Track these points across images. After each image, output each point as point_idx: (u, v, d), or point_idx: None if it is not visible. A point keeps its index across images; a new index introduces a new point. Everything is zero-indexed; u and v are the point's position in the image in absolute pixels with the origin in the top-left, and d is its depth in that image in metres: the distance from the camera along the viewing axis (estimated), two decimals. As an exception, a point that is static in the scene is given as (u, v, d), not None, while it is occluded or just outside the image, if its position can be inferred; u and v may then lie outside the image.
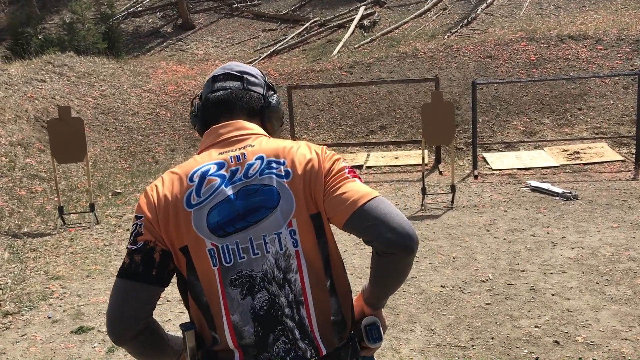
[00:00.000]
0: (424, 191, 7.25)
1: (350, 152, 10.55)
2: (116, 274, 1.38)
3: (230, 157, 1.41)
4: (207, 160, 1.42)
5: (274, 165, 1.39)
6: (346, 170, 1.41)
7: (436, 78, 9.85)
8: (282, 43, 16.68)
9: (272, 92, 1.59)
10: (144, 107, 12.63)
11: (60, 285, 5.25)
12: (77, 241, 6.60)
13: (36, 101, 11.13)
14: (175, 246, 1.36)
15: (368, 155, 10.29)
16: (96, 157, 10.25)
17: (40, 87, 11.81)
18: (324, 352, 1.37)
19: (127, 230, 6.96)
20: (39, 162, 9.20)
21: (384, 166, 9.75)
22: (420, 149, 9.48)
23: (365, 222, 1.31)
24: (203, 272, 1.35)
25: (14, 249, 6.28)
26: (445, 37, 14.51)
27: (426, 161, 8.28)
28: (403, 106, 11.35)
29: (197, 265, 1.35)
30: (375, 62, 12.92)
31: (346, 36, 16.12)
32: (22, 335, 4.24)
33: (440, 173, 9.15)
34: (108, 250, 6.24)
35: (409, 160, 9.87)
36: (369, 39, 15.58)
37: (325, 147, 1.49)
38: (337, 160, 1.44)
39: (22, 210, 7.63)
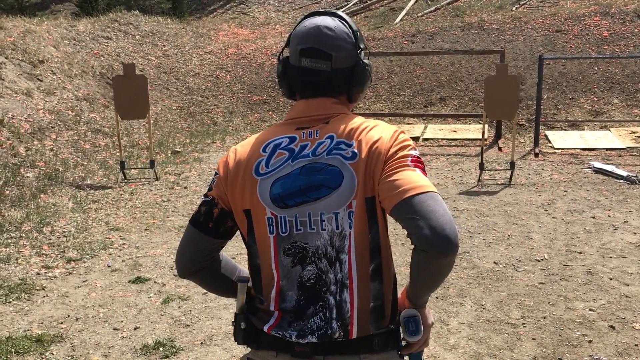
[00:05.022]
0: (481, 166, 7.10)
1: (407, 124, 10.41)
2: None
3: (304, 133, 1.45)
4: (282, 133, 1.46)
5: (342, 146, 1.40)
6: (409, 158, 1.37)
7: (501, 50, 9.55)
8: (344, 9, 16.47)
9: (363, 56, 1.50)
10: (204, 68, 12.78)
11: (119, 236, 5.45)
12: (136, 195, 6.81)
13: (102, 58, 11.43)
14: (238, 207, 1.45)
15: (425, 127, 10.14)
16: (157, 116, 10.48)
17: (106, 44, 12.10)
18: (354, 336, 1.38)
19: (185, 187, 7.14)
20: (103, 117, 9.49)
21: (442, 139, 9.59)
22: (480, 123, 9.27)
23: (408, 213, 1.28)
24: (260, 237, 1.43)
25: (78, 199, 6.54)
26: (514, 8, 14.00)
27: (485, 136, 8.09)
28: (465, 78, 11.09)
29: (255, 229, 1.43)
30: (439, 32, 12.61)
31: (410, 4, 15.78)
32: (83, 281, 4.44)
33: (500, 149, 8.94)
34: (166, 206, 6.42)
35: (467, 134, 9.68)
36: (433, 8, 15.20)
37: (402, 131, 1.45)
38: (406, 147, 1.39)
39: (85, 163, 7.92)
